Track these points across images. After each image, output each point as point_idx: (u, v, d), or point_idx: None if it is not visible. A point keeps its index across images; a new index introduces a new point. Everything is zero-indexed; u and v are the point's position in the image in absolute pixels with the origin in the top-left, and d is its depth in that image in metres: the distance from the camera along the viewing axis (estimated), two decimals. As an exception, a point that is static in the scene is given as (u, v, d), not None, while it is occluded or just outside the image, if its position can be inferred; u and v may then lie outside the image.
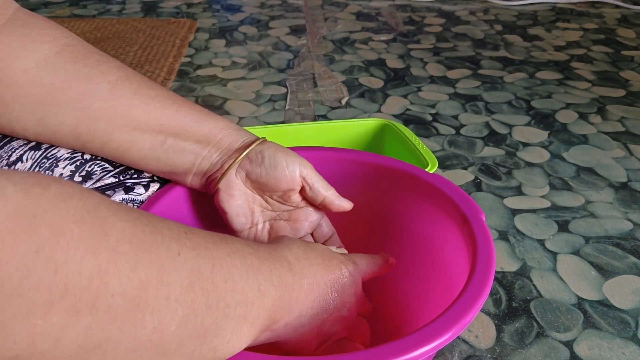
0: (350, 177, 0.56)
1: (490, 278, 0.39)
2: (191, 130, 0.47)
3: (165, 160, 0.48)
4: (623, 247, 0.76)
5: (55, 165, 0.48)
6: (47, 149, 0.48)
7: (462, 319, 0.36)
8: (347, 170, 0.56)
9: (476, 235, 0.44)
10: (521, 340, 0.61)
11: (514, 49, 1.46)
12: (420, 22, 1.66)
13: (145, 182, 0.50)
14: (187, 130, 0.47)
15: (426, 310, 0.51)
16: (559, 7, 1.80)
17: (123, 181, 0.49)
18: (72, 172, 0.48)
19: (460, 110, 1.14)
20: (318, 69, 1.33)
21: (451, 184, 0.51)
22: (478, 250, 0.42)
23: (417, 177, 0.52)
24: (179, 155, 0.48)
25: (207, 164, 0.48)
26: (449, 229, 0.49)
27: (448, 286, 0.48)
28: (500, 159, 0.96)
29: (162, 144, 0.47)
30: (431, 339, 0.35)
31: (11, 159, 0.47)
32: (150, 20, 1.63)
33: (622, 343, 0.61)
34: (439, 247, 0.52)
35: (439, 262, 0.52)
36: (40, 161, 0.48)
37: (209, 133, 0.48)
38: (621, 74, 1.31)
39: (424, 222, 0.53)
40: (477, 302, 0.37)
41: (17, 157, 0.48)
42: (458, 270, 0.46)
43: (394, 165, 0.54)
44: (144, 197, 0.49)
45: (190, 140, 0.47)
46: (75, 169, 0.49)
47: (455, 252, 0.47)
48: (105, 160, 0.49)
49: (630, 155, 0.97)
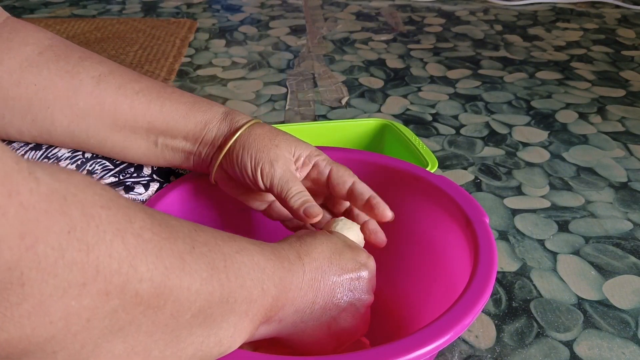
0: None
1: (491, 280, 0.39)
2: (178, 126, 0.47)
3: (163, 158, 0.49)
4: (623, 247, 0.76)
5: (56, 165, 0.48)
6: (48, 149, 0.48)
7: (462, 321, 0.36)
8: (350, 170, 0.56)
9: (479, 237, 0.44)
10: (521, 340, 0.61)
11: (514, 49, 1.46)
12: (420, 22, 1.66)
13: (145, 181, 0.50)
14: (174, 127, 0.47)
15: (428, 310, 0.51)
16: (559, 7, 1.80)
17: (123, 180, 0.49)
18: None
19: (460, 110, 1.14)
20: (318, 69, 1.33)
21: (455, 185, 0.51)
22: (480, 252, 0.42)
23: (422, 177, 0.52)
24: (173, 153, 0.48)
25: (198, 159, 0.48)
26: (451, 230, 0.49)
27: (450, 287, 0.48)
28: (500, 159, 0.96)
29: (155, 144, 0.47)
30: (431, 340, 0.35)
31: (12, 159, 0.48)
32: (150, 20, 1.63)
33: (622, 343, 0.61)
34: (441, 247, 0.52)
35: (441, 262, 0.52)
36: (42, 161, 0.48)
37: (195, 129, 0.47)
38: (621, 74, 1.31)
39: (427, 222, 0.53)
40: (477, 304, 0.37)
41: (17, 157, 0.48)
42: (460, 271, 0.46)
43: (398, 165, 0.54)
44: (144, 197, 0.49)
45: (179, 138, 0.47)
46: (76, 168, 0.49)
47: (458, 253, 0.47)
48: (106, 159, 0.49)
49: (630, 155, 0.97)
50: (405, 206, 0.55)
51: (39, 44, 0.45)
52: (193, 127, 0.47)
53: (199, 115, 0.47)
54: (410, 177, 0.53)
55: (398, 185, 0.54)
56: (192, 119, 0.47)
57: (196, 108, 0.47)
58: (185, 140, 0.47)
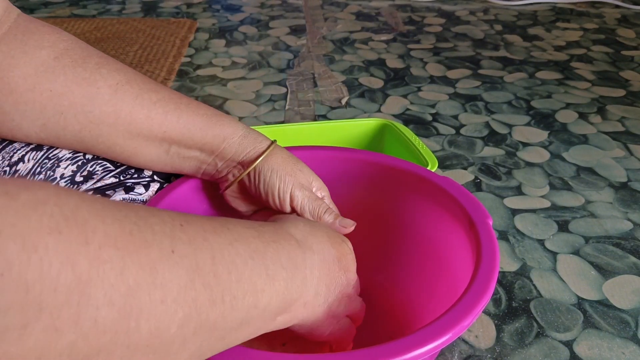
0: (356, 177, 0.56)
1: (492, 282, 0.39)
2: (195, 138, 0.47)
3: (171, 165, 0.49)
4: (623, 247, 0.76)
5: (57, 166, 0.48)
6: (49, 149, 0.48)
7: (460, 322, 0.36)
8: (353, 170, 0.56)
9: (481, 239, 0.44)
10: (521, 340, 0.61)
11: (514, 49, 1.46)
12: (420, 22, 1.66)
13: (145, 182, 0.50)
14: (190, 138, 0.47)
15: (430, 311, 0.51)
16: (559, 7, 1.80)
17: (123, 181, 0.49)
18: (73, 172, 0.49)
19: (460, 110, 1.14)
20: (318, 69, 1.33)
21: (458, 186, 0.51)
22: (482, 253, 0.42)
23: (426, 178, 0.52)
24: (183, 161, 0.49)
25: (212, 170, 0.49)
26: (454, 231, 0.49)
27: (452, 288, 0.48)
28: (500, 159, 0.96)
29: (166, 152, 0.48)
30: (429, 340, 0.35)
31: (13, 159, 0.48)
32: (150, 20, 1.63)
33: (622, 343, 0.61)
34: (443, 248, 0.52)
35: (443, 263, 0.52)
36: (42, 161, 0.48)
37: (212, 142, 0.48)
38: (621, 74, 1.31)
39: (430, 223, 0.53)
40: (477, 306, 0.37)
41: (18, 158, 0.48)
42: (463, 273, 0.46)
43: (402, 166, 0.54)
44: (145, 197, 0.49)
45: (194, 148, 0.48)
46: (77, 169, 0.49)
47: (461, 254, 0.47)
48: (107, 160, 0.49)
49: (630, 155, 0.98)
50: (408, 206, 0.55)
51: (55, 48, 0.45)
52: (211, 139, 0.47)
53: (217, 129, 0.47)
54: (414, 178, 0.53)
55: (402, 186, 0.54)
56: (209, 131, 0.47)
57: (214, 121, 0.48)
58: (200, 151, 0.48)
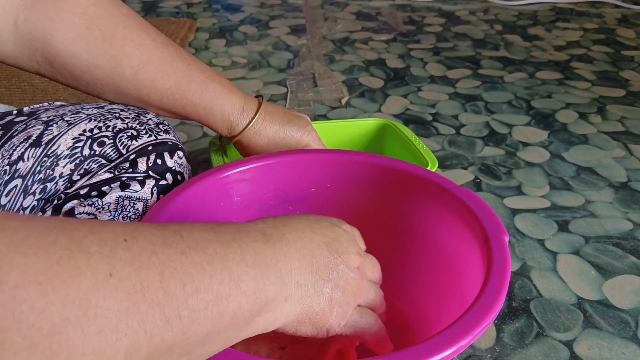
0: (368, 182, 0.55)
1: (500, 300, 0.37)
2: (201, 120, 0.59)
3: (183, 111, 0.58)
4: (623, 247, 0.76)
5: (56, 164, 0.48)
6: (47, 146, 0.48)
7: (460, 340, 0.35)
8: (362, 174, 0.55)
9: (493, 254, 0.42)
10: (521, 340, 0.61)
11: (514, 48, 1.46)
12: (420, 22, 1.66)
13: (140, 177, 0.50)
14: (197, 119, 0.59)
15: (440, 323, 0.50)
16: (559, 7, 1.80)
17: (118, 176, 0.49)
18: (71, 170, 0.49)
19: (460, 110, 1.14)
20: (318, 69, 1.33)
21: (477, 198, 0.49)
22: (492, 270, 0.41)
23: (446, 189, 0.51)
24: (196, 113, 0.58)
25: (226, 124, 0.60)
26: (468, 243, 0.47)
27: (463, 302, 0.47)
28: (500, 158, 0.96)
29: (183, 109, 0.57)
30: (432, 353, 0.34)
31: (12, 157, 0.48)
32: (150, 20, 1.63)
33: (622, 343, 0.61)
34: (456, 260, 0.50)
35: (455, 275, 0.50)
36: (42, 160, 0.48)
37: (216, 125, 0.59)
38: (621, 74, 1.31)
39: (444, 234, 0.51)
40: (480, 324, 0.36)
41: (18, 156, 0.48)
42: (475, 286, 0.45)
43: (421, 173, 0.53)
44: (141, 195, 0.49)
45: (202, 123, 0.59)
46: (74, 167, 0.49)
47: (474, 268, 0.46)
48: (102, 156, 0.50)
49: (630, 155, 0.97)
50: (422, 215, 0.54)
51: (85, 15, 0.50)
52: (213, 124, 0.59)
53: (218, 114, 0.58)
54: (433, 187, 0.52)
55: (415, 193, 0.53)
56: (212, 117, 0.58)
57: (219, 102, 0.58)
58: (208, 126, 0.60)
